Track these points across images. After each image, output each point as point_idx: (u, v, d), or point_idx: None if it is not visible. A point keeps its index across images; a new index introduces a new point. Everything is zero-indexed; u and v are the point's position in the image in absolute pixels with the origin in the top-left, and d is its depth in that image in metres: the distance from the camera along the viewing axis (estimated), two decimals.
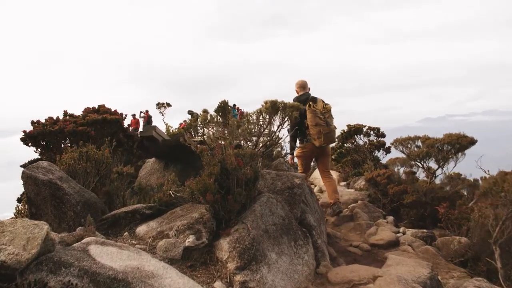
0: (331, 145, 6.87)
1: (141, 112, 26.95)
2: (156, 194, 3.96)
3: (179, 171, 5.33)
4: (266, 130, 5.08)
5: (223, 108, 4.23)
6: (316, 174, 13.85)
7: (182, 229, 3.32)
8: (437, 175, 8.51)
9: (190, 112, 21.30)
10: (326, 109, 6.00)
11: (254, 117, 5.01)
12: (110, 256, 2.82)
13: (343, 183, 12.25)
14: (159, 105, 27.10)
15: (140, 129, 26.10)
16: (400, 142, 8.71)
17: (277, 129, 5.11)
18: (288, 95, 6.87)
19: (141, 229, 3.64)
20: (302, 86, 6.35)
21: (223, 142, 4.69)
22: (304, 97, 6.13)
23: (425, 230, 6.69)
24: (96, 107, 8.88)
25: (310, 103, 5.78)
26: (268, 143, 5.05)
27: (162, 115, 27.59)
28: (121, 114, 8.69)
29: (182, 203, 3.96)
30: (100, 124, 7.38)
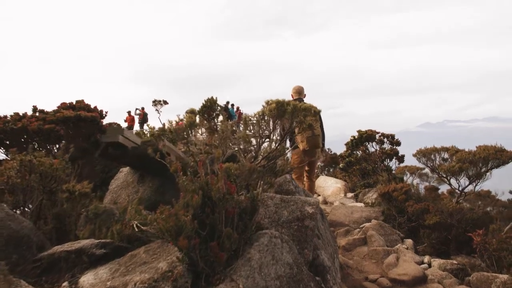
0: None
1: (136, 109, 26.03)
2: (115, 225, 2.85)
3: (156, 187, 4.26)
4: (267, 139, 3.98)
5: (210, 108, 3.12)
6: (319, 183, 12.74)
7: None
8: (466, 193, 7.42)
9: (190, 111, 20.24)
10: None
11: (255, 121, 3.91)
12: None
13: (350, 195, 11.13)
14: (156, 103, 26.11)
15: (136, 126, 25.13)
16: (423, 154, 7.62)
17: (283, 137, 4.01)
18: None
19: (87, 279, 2.52)
20: (298, 91, 6.56)
21: (213, 151, 3.59)
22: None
23: (455, 262, 5.58)
24: (74, 103, 7.79)
25: None
26: (271, 154, 3.94)
27: (158, 112, 26.66)
28: (101, 111, 7.57)
29: (150, 239, 2.85)
30: (73, 122, 6.28)
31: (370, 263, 5.78)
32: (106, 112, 7.47)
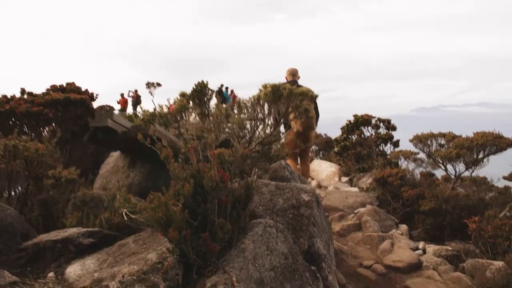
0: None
1: (129, 91, 25.66)
2: (104, 213, 2.73)
3: (147, 172, 4.13)
4: (262, 123, 3.85)
5: (201, 92, 2.98)
6: (314, 167, 12.67)
7: (130, 281, 2.11)
8: (462, 179, 7.38)
9: (182, 95, 20.01)
10: None
11: (249, 105, 3.77)
12: None
13: (344, 179, 11.09)
14: (149, 85, 25.78)
15: (129, 109, 24.82)
16: (420, 139, 7.53)
17: (279, 122, 3.89)
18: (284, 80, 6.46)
19: (73, 269, 2.42)
20: (292, 73, 6.61)
21: (205, 136, 3.47)
22: (289, 84, 5.71)
23: (449, 248, 5.56)
24: (64, 85, 7.59)
25: None
26: (265, 139, 3.82)
27: (152, 95, 26.36)
28: (92, 94, 7.38)
29: (140, 227, 2.75)
30: (63, 105, 6.08)
31: (365, 248, 5.75)
32: (97, 95, 7.30)
